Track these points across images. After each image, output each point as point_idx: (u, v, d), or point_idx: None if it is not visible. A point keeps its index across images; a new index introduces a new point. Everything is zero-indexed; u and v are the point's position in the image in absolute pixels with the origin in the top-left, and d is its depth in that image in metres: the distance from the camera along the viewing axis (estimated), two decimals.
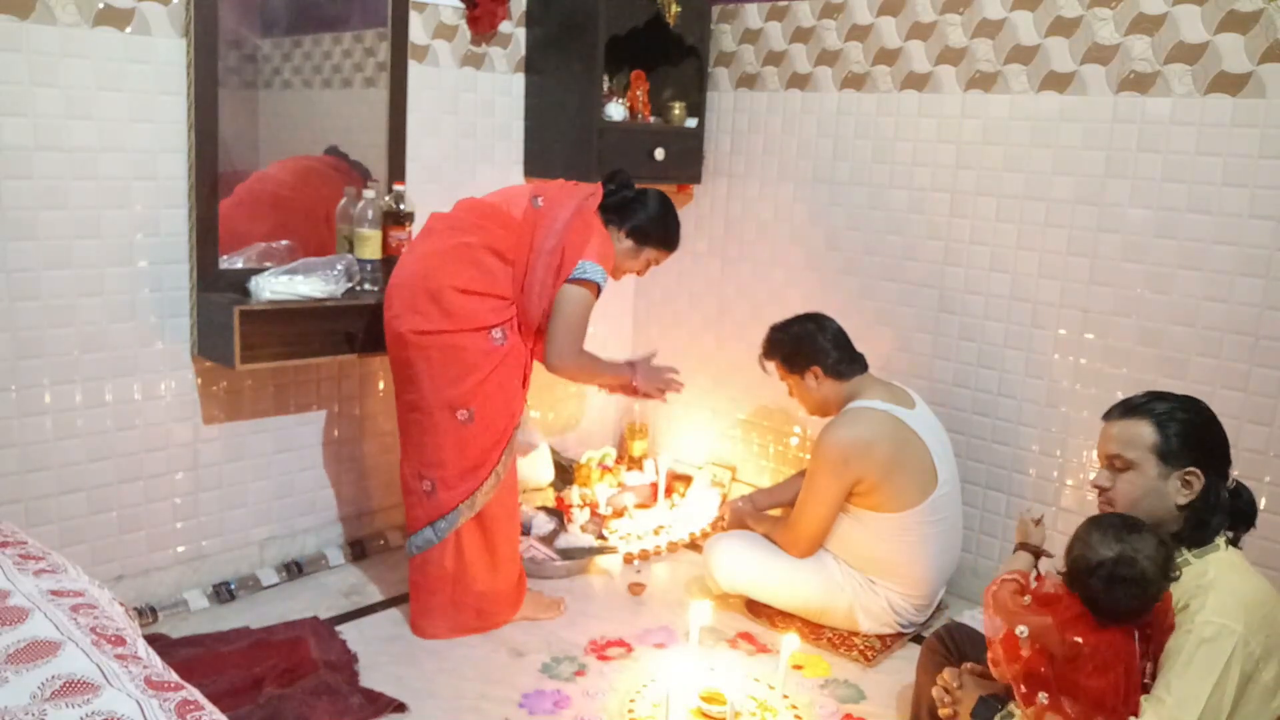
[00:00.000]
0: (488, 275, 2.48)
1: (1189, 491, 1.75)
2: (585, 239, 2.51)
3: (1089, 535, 1.70)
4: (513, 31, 3.22)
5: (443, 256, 2.47)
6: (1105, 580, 1.65)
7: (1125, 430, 1.81)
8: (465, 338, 2.45)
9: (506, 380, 2.53)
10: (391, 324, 2.48)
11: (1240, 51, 2.37)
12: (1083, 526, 1.73)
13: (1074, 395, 2.73)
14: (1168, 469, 1.75)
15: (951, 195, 2.90)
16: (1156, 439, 1.77)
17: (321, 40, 2.89)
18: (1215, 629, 1.60)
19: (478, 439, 2.51)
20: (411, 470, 2.56)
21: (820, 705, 2.40)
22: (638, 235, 2.66)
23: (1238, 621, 1.60)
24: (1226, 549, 1.74)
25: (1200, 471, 1.75)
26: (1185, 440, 1.76)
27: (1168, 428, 1.77)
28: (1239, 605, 1.62)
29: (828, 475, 2.58)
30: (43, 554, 1.68)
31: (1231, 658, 1.59)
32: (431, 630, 2.61)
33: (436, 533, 2.55)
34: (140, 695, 1.23)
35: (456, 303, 2.44)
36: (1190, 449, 1.76)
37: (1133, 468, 1.78)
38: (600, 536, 3.21)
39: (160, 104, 2.50)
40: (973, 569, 2.97)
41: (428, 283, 2.44)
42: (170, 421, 2.67)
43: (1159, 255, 2.55)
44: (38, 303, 2.40)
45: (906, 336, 3.06)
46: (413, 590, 2.64)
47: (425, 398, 2.48)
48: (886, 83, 3.01)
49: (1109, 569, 1.65)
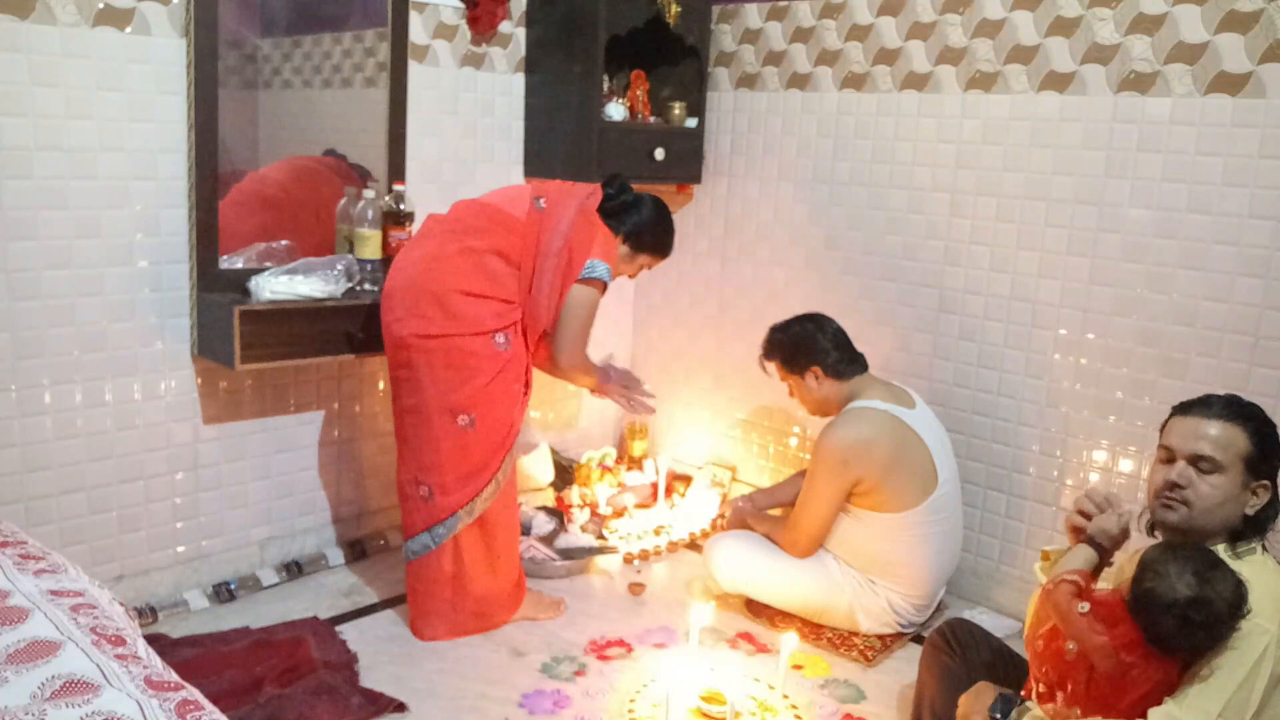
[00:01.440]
0: (493, 279, 2.48)
1: (1258, 502, 1.73)
2: (591, 238, 2.53)
3: (1166, 568, 1.59)
4: (513, 31, 3.22)
5: (447, 260, 2.46)
6: (1179, 621, 1.55)
7: (1225, 433, 1.72)
8: (469, 341, 2.44)
9: (508, 386, 2.52)
10: (392, 327, 2.47)
11: (1240, 51, 2.37)
12: (1158, 556, 1.63)
13: (1074, 395, 2.73)
14: (1250, 479, 1.72)
15: (951, 195, 2.91)
16: (1251, 448, 1.71)
17: (321, 40, 2.89)
18: (1249, 626, 1.58)
19: (478, 444, 2.50)
20: (409, 476, 2.56)
21: (820, 705, 2.40)
22: (634, 240, 2.67)
23: (1272, 622, 1.58)
24: (1263, 553, 1.73)
25: (1271, 484, 1.74)
26: (1272, 453, 1.74)
27: (1262, 438, 1.73)
28: (1273, 606, 1.60)
29: (828, 475, 2.58)
30: (43, 554, 1.68)
31: (1263, 656, 1.57)
32: (431, 632, 2.61)
33: (434, 538, 2.54)
34: (140, 695, 1.23)
35: (461, 306, 2.43)
36: (1271, 462, 1.74)
37: (1221, 471, 1.71)
38: (600, 536, 3.21)
39: (160, 104, 2.50)
40: (973, 569, 2.97)
41: (431, 285, 2.43)
42: (170, 421, 2.67)
43: (1159, 255, 2.55)
44: (38, 303, 2.40)
45: (906, 336, 3.06)
46: (410, 594, 2.63)
47: (426, 402, 2.47)
48: (886, 83, 3.01)
49: (1183, 609, 1.55)
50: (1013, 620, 2.84)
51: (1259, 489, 1.73)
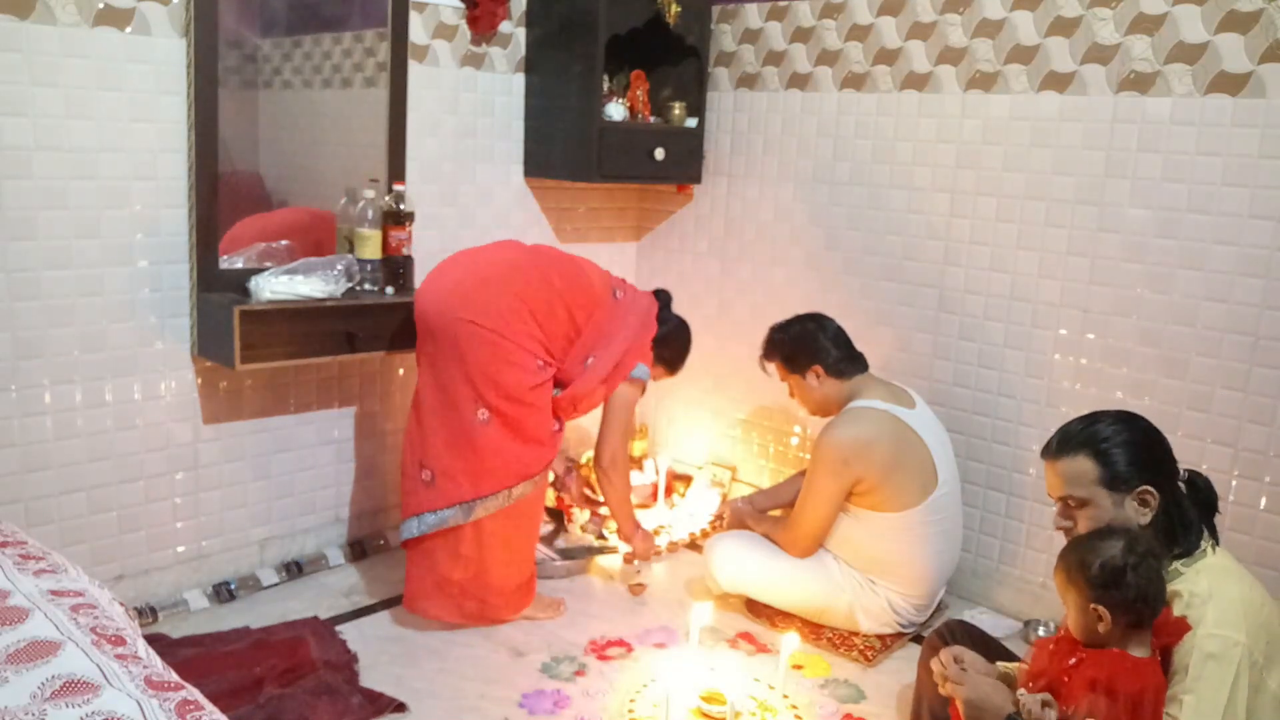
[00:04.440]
0: (553, 320, 2.59)
1: (1149, 509, 1.72)
2: (647, 344, 2.78)
3: (1092, 544, 1.65)
4: (513, 31, 3.22)
5: (527, 273, 2.57)
6: (1137, 563, 1.59)
7: (1067, 469, 1.77)
8: (514, 348, 2.50)
9: (539, 401, 2.55)
10: (450, 304, 2.49)
11: (1240, 51, 2.37)
12: (1076, 549, 1.68)
13: (1074, 395, 2.73)
14: (1120, 495, 1.72)
15: (951, 195, 2.90)
16: (1099, 471, 1.73)
17: (321, 40, 2.89)
18: (1219, 642, 1.57)
19: (490, 446, 2.51)
20: (413, 457, 2.58)
21: (820, 705, 2.40)
22: (656, 350, 2.87)
23: (1240, 632, 1.58)
24: (1214, 553, 1.71)
25: (1154, 488, 1.72)
26: (1130, 462, 1.73)
27: (1108, 455, 1.73)
28: (1239, 615, 1.60)
29: (828, 475, 2.58)
30: (43, 554, 1.68)
31: (1239, 669, 1.56)
32: (435, 611, 2.60)
33: (421, 525, 2.55)
34: (140, 695, 1.23)
35: (521, 316, 2.51)
36: (1138, 469, 1.73)
37: (1087, 504, 1.74)
38: (600, 536, 3.21)
39: (160, 104, 2.49)
40: (973, 569, 2.97)
41: (504, 286, 2.52)
42: (170, 421, 2.67)
43: (1159, 255, 2.55)
44: (38, 303, 2.40)
45: (906, 336, 3.06)
46: (410, 568, 2.63)
47: (456, 384, 2.49)
48: (886, 83, 3.01)
49: (1131, 551, 1.60)
50: (1012, 620, 2.84)
51: (1142, 497, 1.72)
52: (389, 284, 2.72)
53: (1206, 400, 2.51)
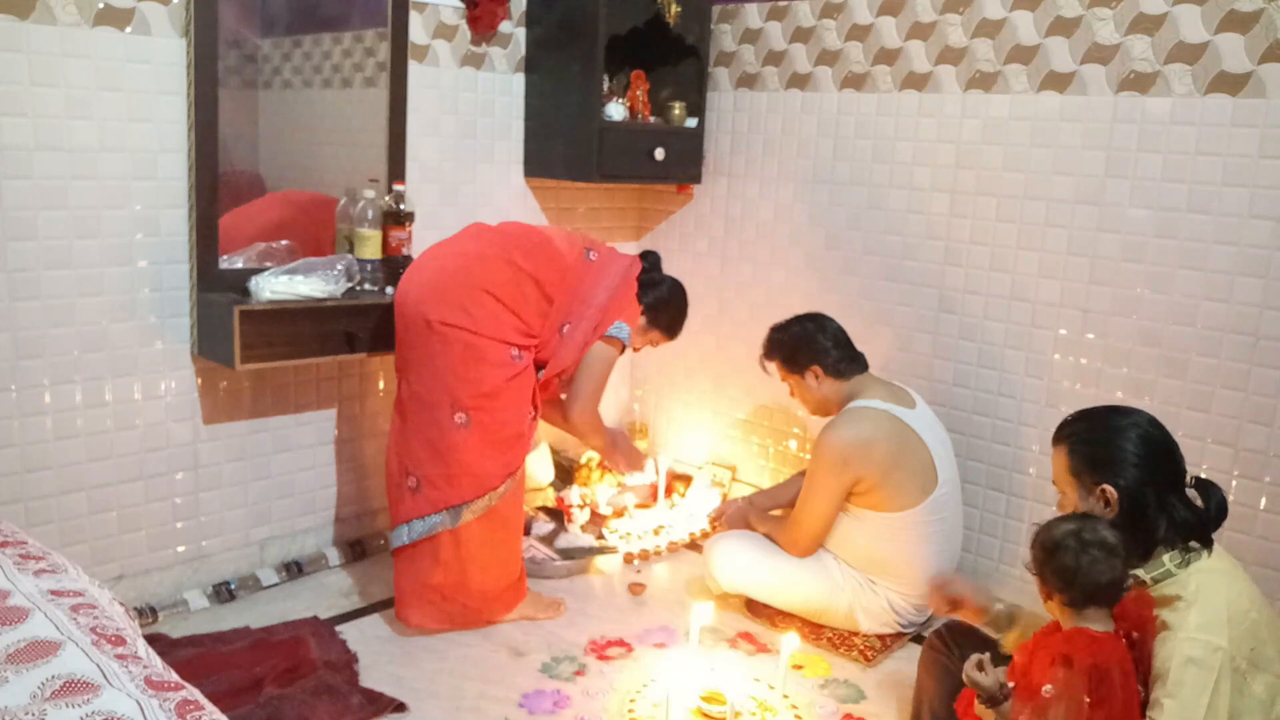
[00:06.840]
0: (524, 300, 2.54)
1: (1109, 508, 1.73)
2: (627, 302, 2.69)
3: (1048, 526, 1.71)
4: (513, 31, 3.22)
5: (489, 263, 2.53)
6: (1076, 548, 1.64)
7: (1055, 459, 1.84)
8: (487, 343, 2.48)
9: (516, 397, 2.54)
10: (420, 307, 2.47)
11: (1240, 51, 2.37)
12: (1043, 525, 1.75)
13: (1074, 395, 2.73)
14: (1084, 490, 1.76)
15: (951, 195, 2.91)
16: (1071, 462, 1.77)
17: (321, 40, 2.89)
18: (1201, 647, 1.57)
19: (470, 449, 2.50)
20: (398, 465, 2.57)
21: (820, 705, 2.40)
22: (651, 314, 2.80)
23: (1222, 637, 1.58)
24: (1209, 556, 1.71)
25: (1111, 486, 1.73)
26: (1086, 459, 1.76)
27: (1075, 449, 1.77)
28: (1222, 620, 1.60)
29: (827, 475, 2.58)
30: (43, 554, 1.68)
31: (1220, 675, 1.57)
32: (418, 619, 2.59)
33: (410, 533, 2.55)
34: (140, 695, 1.23)
35: (489, 307, 2.48)
36: (1090, 466, 1.75)
37: (1065, 494, 1.79)
38: (600, 536, 3.21)
39: (160, 104, 2.50)
40: (973, 569, 2.97)
41: (467, 280, 2.49)
42: (170, 421, 2.67)
43: (1159, 255, 2.55)
44: (38, 303, 2.40)
45: (906, 336, 3.06)
46: (396, 579, 2.63)
47: (430, 389, 2.48)
48: (886, 83, 3.01)
49: (1075, 536, 1.65)
50: None
51: (1102, 495, 1.73)
52: (389, 284, 2.72)
53: (1206, 400, 2.51)
